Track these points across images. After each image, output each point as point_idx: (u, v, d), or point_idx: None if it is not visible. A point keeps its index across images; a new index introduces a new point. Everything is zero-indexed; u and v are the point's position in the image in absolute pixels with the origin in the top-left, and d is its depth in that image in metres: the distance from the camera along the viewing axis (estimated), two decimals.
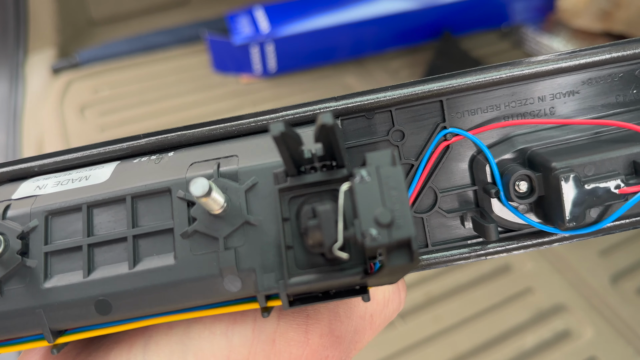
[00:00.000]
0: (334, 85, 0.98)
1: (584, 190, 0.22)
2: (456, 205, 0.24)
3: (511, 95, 0.24)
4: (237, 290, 0.19)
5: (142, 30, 1.09)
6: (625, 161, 0.22)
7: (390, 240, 0.16)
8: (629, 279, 0.68)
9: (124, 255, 0.20)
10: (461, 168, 0.24)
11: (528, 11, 1.06)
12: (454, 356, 0.60)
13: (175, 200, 0.20)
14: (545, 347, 0.61)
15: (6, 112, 0.92)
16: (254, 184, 0.20)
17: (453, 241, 0.24)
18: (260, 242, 0.20)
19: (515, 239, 0.24)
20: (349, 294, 0.19)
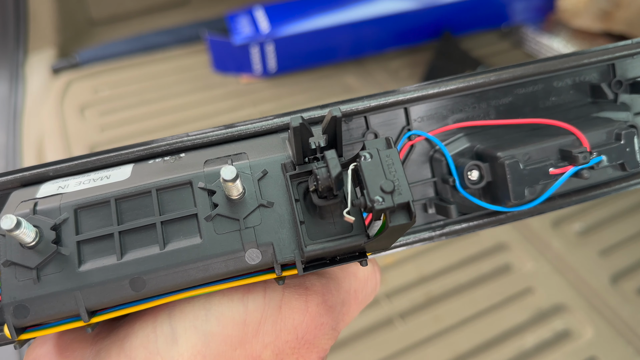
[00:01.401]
0: (334, 85, 0.98)
1: (523, 172, 0.26)
2: (421, 195, 0.29)
3: (462, 101, 0.29)
4: (257, 262, 0.22)
5: (142, 30, 1.09)
6: (555, 150, 0.27)
7: (394, 204, 0.20)
8: (629, 278, 0.68)
9: (153, 240, 0.22)
10: (423, 164, 0.29)
11: (528, 11, 1.06)
12: (454, 356, 0.60)
13: (197, 190, 0.23)
14: (545, 347, 0.61)
15: (6, 112, 0.92)
16: (264, 174, 0.23)
17: (419, 225, 0.29)
18: (274, 221, 0.23)
19: (470, 220, 0.28)
20: (351, 259, 0.23)
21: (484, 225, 0.28)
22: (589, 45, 1.00)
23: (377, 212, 0.20)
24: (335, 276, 0.28)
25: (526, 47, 1.07)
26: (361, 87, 0.98)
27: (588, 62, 0.30)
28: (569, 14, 0.99)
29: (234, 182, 0.22)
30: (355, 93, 0.97)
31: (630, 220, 0.75)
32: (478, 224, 0.28)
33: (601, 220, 0.75)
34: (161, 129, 0.88)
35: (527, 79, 0.30)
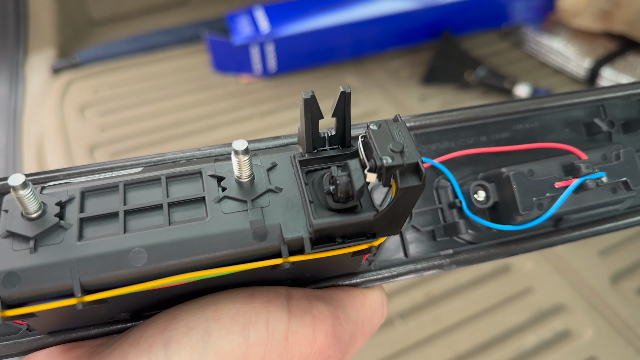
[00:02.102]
0: (334, 85, 0.98)
1: (529, 183, 0.27)
2: (428, 222, 0.28)
3: (463, 134, 0.30)
4: (264, 242, 0.22)
5: (142, 30, 1.09)
6: (557, 166, 0.28)
7: (404, 162, 0.20)
8: (628, 279, 0.68)
9: (158, 219, 0.22)
10: (429, 193, 0.29)
11: (528, 11, 1.06)
12: (454, 356, 0.60)
13: (206, 177, 0.23)
14: (545, 347, 0.61)
15: (6, 112, 0.92)
16: (273, 166, 0.24)
17: (427, 252, 0.28)
18: (282, 204, 0.23)
19: (481, 249, 0.28)
20: (361, 240, 0.22)
21: (495, 255, 0.28)
22: (588, 45, 1.00)
23: (387, 172, 0.20)
24: (344, 305, 0.26)
25: (526, 47, 1.07)
26: (361, 87, 0.98)
27: (578, 102, 0.31)
28: (569, 13, 0.99)
29: (245, 156, 0.22)
30: (355, 93, 0.97)
31: None
32: (489, 254, 0.28)
33: None
34: (161, 129, 0.88)
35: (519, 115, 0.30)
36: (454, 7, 1.01)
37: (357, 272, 0.27)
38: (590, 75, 0.96)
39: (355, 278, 0.27)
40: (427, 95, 0.97)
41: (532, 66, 1.04)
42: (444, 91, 0.98)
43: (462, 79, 0.98)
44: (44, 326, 0.24)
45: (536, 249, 0.29)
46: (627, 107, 0.32)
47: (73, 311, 0.21)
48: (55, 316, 0.22)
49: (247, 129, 0.89)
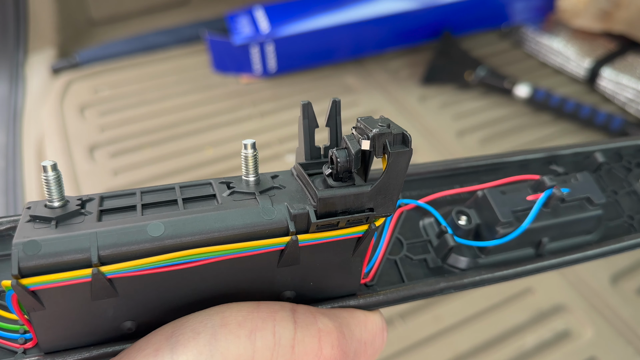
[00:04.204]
0: (334, 86, 0.98)
1: (504, 197, 0.30)
2: (419, 252, 0.31)
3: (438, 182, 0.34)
4: (272, 217, 0.23)
5: (142, 30, 1.09)
6: (526, 187, 0.31)
7: (392, 132, 0.22)
8: (628, 279, 0.68)
9: (174, 209, 0.24)
10: (417, 226, 0.32)
11: (528, 11, 1.06)
12: (454, 356, 0.60)
13: (216, 184, 0.25)
14: (546, 347, 0.61)
15: (6, 112, 0.92)
16: (275, 175, 0.26)
17: (426, 279, 0.30)
18: (287, 193, 0.25)
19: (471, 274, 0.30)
20: (361, 216, 0.24)
21: (486, 281, 0.30)
22: (588, 45, 1.00)
23: (379, 139, 0.22)
24: (347, 322, 0.27)
25: (526, 47, 1.07)
26: (361, 87, 0.98)
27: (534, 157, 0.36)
28: (569, 14, 0.99)
29: (253, 150, 0.24)
30: (355, 93, 0.97)
31: None
32: (482, 280, 0.30)
33: None
34: (161, 128, 0.88)
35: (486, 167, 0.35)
36: (454, 7, 1.01)
37: (356, 295, 0.28)
38: (590, 75, 0.96)
39: (358, 299, 0.28)
40: (427, 95, 0.97)
41: (532, 66, 1.04)
42: (444, 91, 0.98)
43: (462, 79, 0.98)
44: (47, 332, 0.23)
45: (525, 275, 0.31)
46: (577, 163, 0.36)
47: (82, 302, 0.22)
48: (62, 312, 0.22)
49: (247, 129, 0.89)
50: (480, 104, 0.95)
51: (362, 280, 0.28)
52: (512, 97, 0.95)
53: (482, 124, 0.91)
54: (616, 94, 0.93)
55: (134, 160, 0.82)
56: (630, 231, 0.34)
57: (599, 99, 0.95)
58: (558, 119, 0.91)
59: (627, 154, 0.38)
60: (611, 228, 0.35)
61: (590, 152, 0.37)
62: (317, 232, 0.24)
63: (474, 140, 0.88)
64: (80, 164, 0.81)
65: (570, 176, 0.32)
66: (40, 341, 0.23)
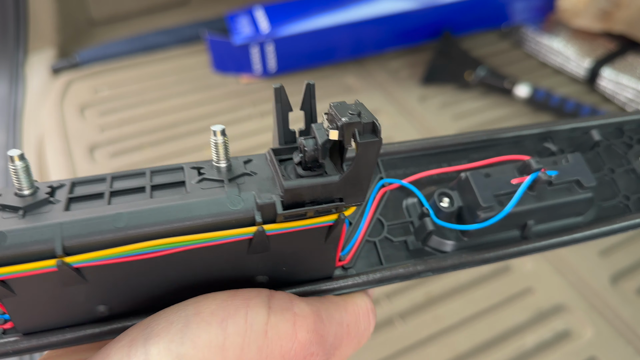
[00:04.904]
0: (334, 85, 0.98)
1: (487, 180, 0.29)
2: (400, 234, 0.30)
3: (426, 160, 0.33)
4: (238, 207, 0.23)
5: (142, 30, 1.09)
6: (512, 169, 0.30)
7: (361, 121, 0.22)
8: (629, 279, 0.68)
9: (142, 197, 0.24)
10: (400, 207, 0.31)
11: (528, 11, 1.06)
12: (454, 356, 0.60)
13: (187, 169, 0.25)
14: (546, 347, 0.61)
15: (6, 111, 0.92)
16: (249, 160, 0.26)
17: (401, 260, 0.29)
18: (257, 182, 0.24)
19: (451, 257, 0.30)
20: (330, 206, 0.24)
21: (468, 263, 0.29)
22: (588, 45, 1.00)
23: (347, 129, 0.22)
24: (326, 306, 0.27)
25: (526, 47, 1.07)
26: (361, 87, 0.98)
27: (528, 133, 0.34)
28: (569, 14, 0.99)
29: (222, 136, 0.24)
30: (355, 93, 0.97)
31: None
32: (461, 262, 0.29)
33: None
34: (161, 128, 0.88)
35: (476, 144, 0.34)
36: (454, 7, 1.01)
37: (333, 278, 0.28)
38: (590, 75, 0.96)
39: (333, 282, 0.27)
40: (427, 95, 0.97)
41: (532, 66, 1.04)
42: (444, 91, 0.98)
43: (462, 79, 0.98)
44: (22, 316, 0.24)
45: (508, 258, 0.30)
46: (573, 139, 0.35)
47: (52, 288, 0.22)
48: (34, 297, 0.23)
49: (247, 129, 0.89)
50: (480, 104, 0.95)
51: (339, 263, 0.28)
52: (512, 97, 0.95)
53: (482, 124, 0.91)
54: (616, 94, 0.93)
55: (134, 160, 0.82)
56: (625, 212, 0.33)
57: (599, 99, 0.95)
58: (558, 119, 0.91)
59: (629, 129, 0.36)
60: (605, 209, 0.33)
61: (587, 127, 0.35)
62: (284, 222, 0.23)
63: None
64: (80, 164, 0.81)
65: (562, 157, 0.31)
66: (16, 324, 0.24)
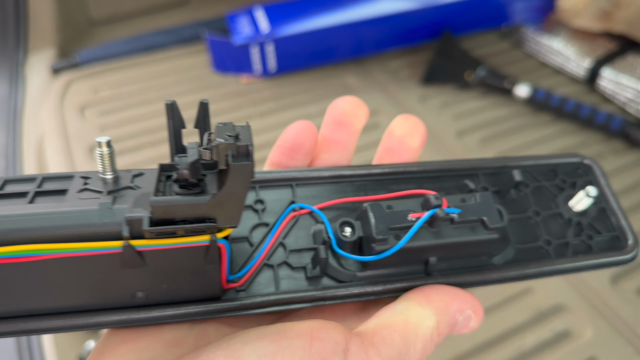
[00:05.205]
0: (334, 85, 0.98)
1: (385, 213, 0.29)
2: (302, 261, 0.30)
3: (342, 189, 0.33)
4: (107, 221, 0.23)
5: (142, 30, 1.09)
6: (416, 203, 0.30)
7: (236, 143, 0.22)
8: (629, 279, 0.68)
9: (21, 201, 0.24)
10: (307, 234, 0.31)
11: (528, 11, 1.06)
12: (453, 356, 0.60)
13: (77, 178, 0.25)
14: (545, 347, 0.61)
15: (6, 112, 0.92)
16: (140, 173, 0.26)
17: (297, 287, 0.29)
18: (137, 195, 0.24)
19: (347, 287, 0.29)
20: (202, 233, 0.24)
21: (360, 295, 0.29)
22: (588, 45, 1.00)
23: (220, 151, 0.22)
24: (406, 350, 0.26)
25: (526, 47, 1.07)
26: (361, 87, 0.98)
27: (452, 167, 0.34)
28: (568, 14, 0.99)
29: (107, 148, 0.24)
30: (355, 93, 0.97)
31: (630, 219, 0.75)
32: (356, 293, 0.29)
33: None
34: (162, 129, 0.88)
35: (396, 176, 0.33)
36: (454, 7, 1.01)
37: (221, 299, 0.27)
38: (590, 75, 0.96)
39: (217, 304, 0.27)
40: (427, 95, 0.97)
41: (532, 66, 1.04)
42: (444, 91, 0.98)
43: (462, 79, 0.98)
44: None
45: (400, 293, 0.29)
46: (499, 178, 0.34)
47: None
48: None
49: None
50: (480, 103, 0.95)
51: (231, 285, 0.27)
52: (512, 97, 0.95)
53: (482, 124, 0.91)
54: (616, 94, 0.93)
55: (134, 160, 0.82)
56: (544, 257, 0.32)
57: (599, 99, 0.95)
58: (558, 119, 0.91)
59: (563, 172, 0.36)
60: (523, 252, 0.32)
61: (515, 167, 0.34)
62: (154, 239, 0.23)
63: (474, 140, 0.88)
64: (81, 164, 0.81)
65: (471, 195, 0.30)
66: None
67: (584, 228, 0.33)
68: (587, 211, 0.34)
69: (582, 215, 0.34)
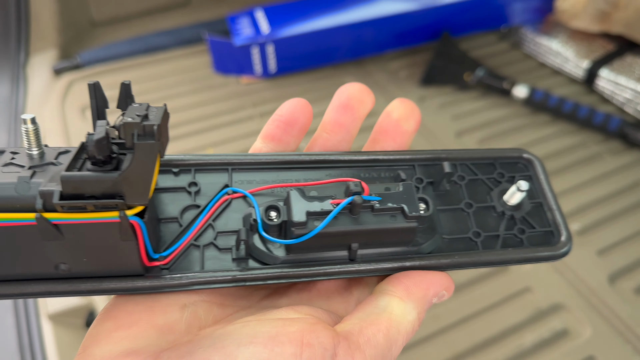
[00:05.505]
0: (334, 86, 0.98)
1: (307, 198, 0.29)
2: (230, 243, 0.30)
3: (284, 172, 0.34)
4: (21, 194, 0.24)
5: (143, 31, 1.10)
6: (340, 190, 0.30)
7: (142, 122, 0.22)
8: (627, 278, 0.68)
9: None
10: (238, 218, 0.31)
11: (527, 12, 1.07)
12: (453, 355, 0.60)
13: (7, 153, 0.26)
14: (544, 346, 0.61)
15: (8, 112, 0.93)
16: (67, 151, 0.27)
17: (222, 268, 0.29)
18: (57, 171, 0.25)
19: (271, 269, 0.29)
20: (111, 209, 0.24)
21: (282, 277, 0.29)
22: (587, 45, 1.00)
23: (126, 129, 0.22)
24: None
25: (525, 48, 1.08)
26: None
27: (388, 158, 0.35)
28: (567, 15, 0.99)
29: (33, 125, 0.25)
30: None
31: (628, 220, 0.75)
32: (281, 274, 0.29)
33: (599, 220, 0.75)
34: None
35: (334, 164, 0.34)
36: (453, 8, 1.02)
37: (145, 276, 0.28)
38: (588, 75, 0.97)
39: (143, 281, 0.27)
40: (426, 95, 0.97)
41: (531, 67, 1.04)
42: (443, 92, 0.98)
43: (461, 80, 0.98)
44: None
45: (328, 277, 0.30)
46: (434, 170, 0.35)
47: None
48: None
49: (247, 129, 0.89)
50: (479, 104, 0.96)
51: (155, 263, 0.28)
52: (510, 98, 0.95)
53: (481, 124, 0.91)
54: (614, 94, 0.93)
55: None
56: (472, 248, 0.32)
57: (597, 100, 0.96)
58: (556, 120, 0.92)
59: (502, 166, 0.36)
60: (450, 242, 0.32)
61: (444, 160, 0.35)
62: (65, 212, 0.24)
63: (473, 140, 0.89)
64: None
65: (396, 185, 0.31)
66: None
67: (517, 222, 0.33)
68: (522, 206, 0.34)
69: (517, 209, 0.34)
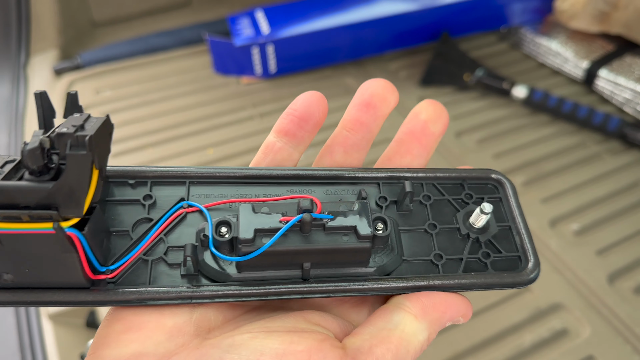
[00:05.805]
0: (334, 86, 0.99)
1: (257, 215, 0.28)
2: (180, 259, 0.29)
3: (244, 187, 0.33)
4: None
5: (143, 32, 1.10)
6: (292, 207, 0.28)
7: (76, 133, 0.22)
8: (626, 278, 0.69)
9: None
10: (193, 233, 0.30)
11: (526, 13, 1.07)
12: (452, 355, 0.61)
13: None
14: (544, 345, 0.62)
15: (8, 113, 0.93)
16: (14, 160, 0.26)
17: (169, 284, 0.28)
18: None
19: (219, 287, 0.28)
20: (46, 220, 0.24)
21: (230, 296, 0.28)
22: (586, 46, 1.00)
23: (59, 140, 0.22)
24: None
25: (524, 48, 1.08)
26: None
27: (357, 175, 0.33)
28: (566, 15, 1.00)
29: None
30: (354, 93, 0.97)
31: (627, 220, 0.76)
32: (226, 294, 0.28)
33: (598, 220, 0.75)
34: (163, 129, 0.89)
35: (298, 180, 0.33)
36: (452, 9, 1.02)
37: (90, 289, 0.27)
38: (587, 76, 0.97)
39: (86, 294, 0.27)
40: (426, 96, 0.97)
41: (531, 67, 1.04)
42: (442, 92, 0.98)
43: (460, 80, 0.98)
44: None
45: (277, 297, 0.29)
46: (398, 189, 0.33)
47: None
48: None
49: (247, 130, 0.89)
50: (478, 104, 0.96)
51: (101, 276, 0.27)
52: (510, 98, 0.95)
53: (480, 125, 0.92)
54: (614, 94, 0.94)
55: (135, 160, 0.83)
56: (433, 272, 0.31)
57: (596, 100, 0.96)
58: (556, 120, 0.92)
59: (471, 187, 0.35)
60: (410, 264, 0.31)
61: (406, 179, 0.33)
62: (1, 222, 0.23)
63: (473, 140, 0.89)
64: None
65: (352, 203, 0.29)
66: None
67: (482, 246, 0.32)
68: (488, 229, 0.32)
69: (482, 232, 0.32)
